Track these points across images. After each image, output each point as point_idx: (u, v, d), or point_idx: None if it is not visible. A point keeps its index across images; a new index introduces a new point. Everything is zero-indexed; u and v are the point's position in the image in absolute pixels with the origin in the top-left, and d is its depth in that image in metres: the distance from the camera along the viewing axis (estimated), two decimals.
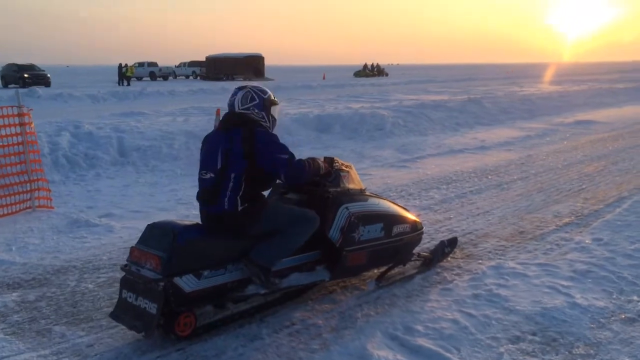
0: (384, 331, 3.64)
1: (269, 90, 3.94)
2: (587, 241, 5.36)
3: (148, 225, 3.70)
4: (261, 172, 3.64)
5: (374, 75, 55.54)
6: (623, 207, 6.51)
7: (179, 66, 58.81)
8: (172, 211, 6.75)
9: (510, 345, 3.49)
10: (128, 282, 3.59)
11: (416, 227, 4.64)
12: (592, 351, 3.43)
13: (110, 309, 3.74)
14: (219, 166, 3.63)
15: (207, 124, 12.44)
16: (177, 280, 3.42)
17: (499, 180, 8.23)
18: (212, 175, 3.65)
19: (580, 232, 5.71)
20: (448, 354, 3.34)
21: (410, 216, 4.67)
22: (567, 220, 6.19)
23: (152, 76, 51.65)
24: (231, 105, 3.83)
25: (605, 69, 57.15)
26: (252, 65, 51.55)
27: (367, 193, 4.51)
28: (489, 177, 8.51)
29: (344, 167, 4.38)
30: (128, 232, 5.93)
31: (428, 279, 4.58)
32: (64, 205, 7.01)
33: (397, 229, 4.42)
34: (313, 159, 3.95)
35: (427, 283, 4.48)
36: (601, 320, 3.83)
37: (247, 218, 3.62)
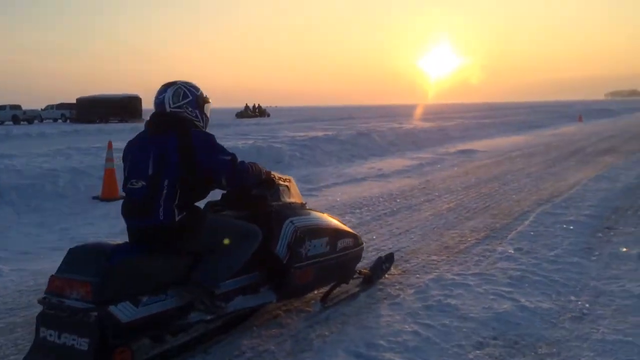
0: (346, 350, 3.38)
1: (199, 87, 3.57)
2: (510, 251, 5.49)
3: (70, 250, 3.17)
4: (197, 177, 3.27)
5: (255, 116, 55.65)
6: (530, 220, 6.82)
7: (45, 109, 54.86)
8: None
9: (477, 352, 3.38)
10: (48, 318, 3.01)
11: (357, 242, 4.46)
12: (554, 350, 3.41)
13: (20, 356, 3.11)
14: (150, 172, 3.19)
15: (94, 160, 11.55)
16: (112, 309, 2.92)
17: (408, 203, 8.35)
18: (144, 183, 3.20)
19: (500, 243, 5.85)
20: None
21: (351, 230, 4.48)
22: (483, 234, 6.35)
23: (15, 120, 47.66)
24: (160, 103, 3.40)
25: (463, 109, 62.34)
26: (128, 106, 49.26)
27: (308, 207, 4.27)
28: (397, 200, 8.61)
29: (282, 181, 4.12)
30: (19, 274, 5.12)
31: (373, 295, 4.39)
32: None
33: (341, 244, 4.21)
34: (253, 163, 3.65)
35: (373, 300, 4.29)
36: (552, 320, 3.85)
37: (185, 230, 3.21)
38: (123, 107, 49.22)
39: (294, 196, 4.21)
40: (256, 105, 60.26)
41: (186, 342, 3.44)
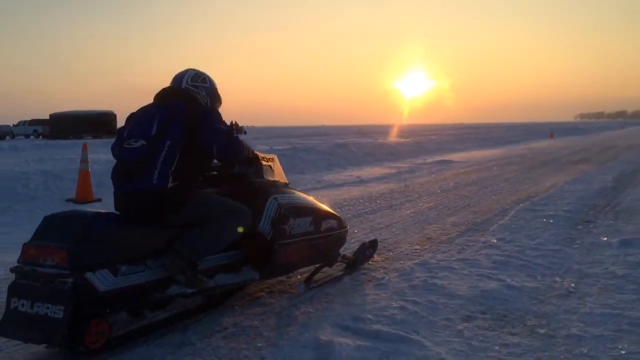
0: (332, 323, 3.28)
1: None
2: (493, 240, 5.47)
3: (45, 217, 3.03)
4: (197, 147, 3.17)
5: None
6: (510, 215, 6.83)
7: (17, 125, 53.79)
8: None
9: (466, 324, 3.31)
10: (20, 288, 2.85)
11: (342, 224, 4.38)
12: (544, 321, 3.36)
13: None
14: (153, 132, 3.11)
15: (67, 164, 11.30)
16: (89, 276, 2.78)
17: (389, 203, 8.30)
18: (144, 142, 3.11)
19: (482, 235, 5.83)
20: (410, 336, 3.06)
21: (335, 213, 4.40)
22: (465, 227, 6.32)
23: None
24: (178, 79, 3.43)
25: (438, 128, 63.15)
26: (103, 123, 48.56)
27: (291, 188, 4.19)
28: (378, 201, 8.56)
29: (265, 161, 4.02)
30: None
31: (357, 278, 4.30)
32: None
33: (325, 224, 4.13)
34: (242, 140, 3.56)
35: (357, 282, 4.20)
36: (539, 297, 3.81)
37: (176, 199, 3.09)
38: (97, 123, 48.46)
39: (278, 175, 4.13)
40: (233, 122, 60.06)
41: (165, 318, 3.29)
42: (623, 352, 2.88)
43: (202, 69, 3.56)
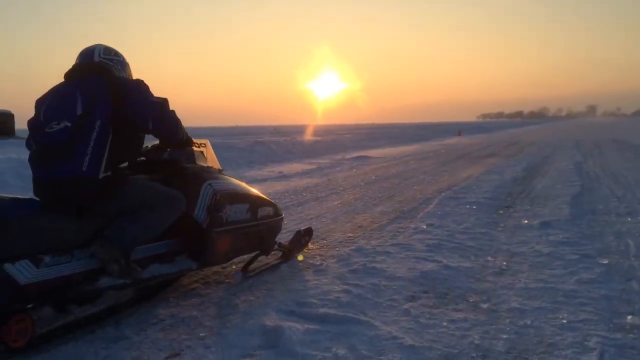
0: (276, 309, 3.16)
1: None
2: (423, 226, 5.55)
3: None
4: (129, 124, 2.90)
5: None
6: (434, 203, 6.98)
7: None
8: None
9: (411, 303, 3.30)
10: None
11: (277, 212, 4.25)
12: (484, 297, 3.41)
13: None
14: (79, 112, 2.78)
15: None
16: (8, 267, 2.48)
17: (315, 196, 8.24)
18: (68, 124, 2.76)
19: (411, 221, 5.90)
20: (358, 317, 3.00)
21: (270, 200, 4.26)
22: (393, 215, 6.37)
23: None
24: (88, 54, 3.09)
25: (351, 128, 64.23)
26: None
27: (225, 174, 4.00)
28: (304, 194, 8.48)
29: (195, 146, 3.81)
30: None
31: (294, 266, 4.19)
32: None
33: (262, 212, 3.98)
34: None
35: (295, 269, 4.09)
36: (475, 276, 3.88)
37: (108, 188, 2.81)
38: None
39: (210, 161, 3.93)
40: None
41: (93, 314, 3.02)
42: (564, 321, 2.97)
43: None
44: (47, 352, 2.62)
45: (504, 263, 4.19)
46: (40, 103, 2.97)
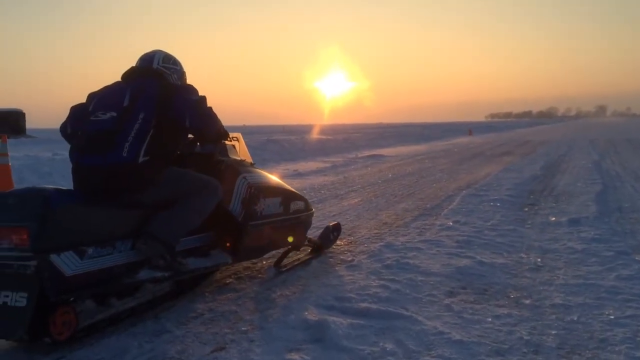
0: (315, 304, 3.11)
1: None
2: (449, 223, 5.49)
3: None
4: (171, 121, 2.92)
5: None
6: (457, 201, 6.91)
7: None
8: None
9: (452, 298, 3.24)
10: None
11: (308, 207, 4.21)
12: (525, 293, 3.35)
13: None
14: (125, 104, 2.85)
15: None
16: (54, 258, 2.45)
17: (334, 193, 8.20)
18: (114, 114, 2.83)
19: (436, 218, 5.84)
20: (401, 312, 2.95)
21: (301, 194, 4.22)
22: (417, 212, 6.31)
23: None
24: (147, 60, 3.17)
25: (359, 127, 63.97)
26: (9, 121, 45.42)
27: (257, 168, 3.96)
28: (322, 192, 8.44)
29: (229, 140, 3.77)
30: None
31: (325, 262, 4.14)
32: None
33: (294, 206, 3.94)
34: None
35: (327, 265, 4.05)
36: (512, 272, 3.82)
37: (147, 174, 2.80)
38: (3, 120, 45.36)
39: (243, 154, 3.91)
40: None
41: (133, 307, 2.99)
42: (612, 317, 2.91)
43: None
44: (91, 346, 2.58)
45: (539, 260, 4.12)
46: (93, 96, 3.06)
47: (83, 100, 3.15)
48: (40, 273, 2.38)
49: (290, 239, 3.94)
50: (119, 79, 3.14)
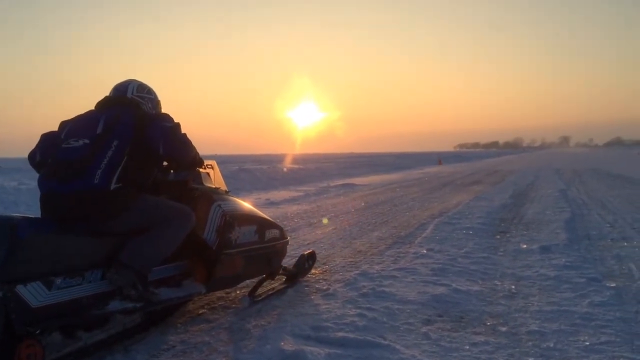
0: (291, 333, 3.05)
1: None
2: (423, 251, 5.50)
3: None
4: (145, 149, 2.89)
5: None
6: (430, 229, 6.94)
7: None
8: None
9: (429, 326, 3.22)
10: None
11: (283, 235, 4.16)
12: (501, 320, 3.35)
13: None
14: (99, 131, 2.82)
15: None
16: (20, 289, 2.35)
17: (307, 222, 8.16)
18: (87, 141, 2.79)
19: (410, 246, 5.85)
20: (378, 341, 2.91)
21: (276, 222, 4.18)
22: (391, 241, 6.31)
23: None
24: (121, 89, 3.17)
25: (331, 157, 64.36)
26: None
27: (232, 195, 3.92)
28: (295, 220, 8.40)
29: (202, 168, 3.73)
30: None
31: (301, 291, 4.09)
32: None
33: (269, 234, 3.90)
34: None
35: (302, 294, 4.00)
36: (487, 299, 3.82)
37: (119, 202, 2.73)
38: None
39: (217, 182, 3.87)
40: None
41: (103, 339, 2.88)
42: (587, 343, 2.92)
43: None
44: None
45: (513, 287, 4.14)
46: (65, 124, 3.03)
47: (52, 129, 3.11)
48: (6, 304, 2.29)
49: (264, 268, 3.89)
50: (89, 108, 3.10)
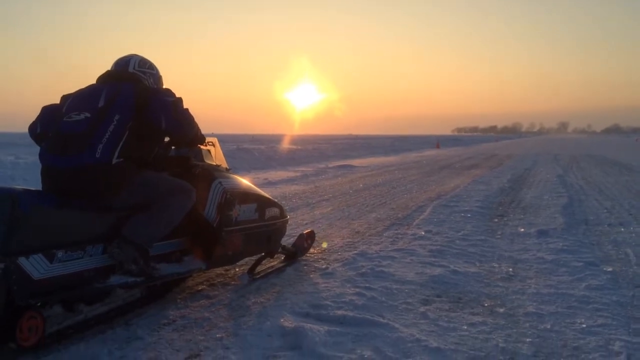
0: (291, 311, 3.08)
1: None
2: (421, 233, 5.52)
3: None
4: (146, 125, 2.87)
5: None
6: (428, 211, 6.96)
7: None
8: None
9: (427, 306, 3.25)
10: None
11: (283, 214, 4.17)
12: (499, 302, 3.38)
13: None
14: (100, 104, 2.79)
15: None
16: (22, 261, 2.36)
17: (305, 202, 8.16)
18: (88, 115, 2.76)
19: (408, 228, 5.87)
20: (377, 319, 2.94)
21: (276, 201, 4.18)
22: (389, 222, 6.33)
23: None
24: (123, 64, 3.13)
25: (330, 138, 64.17)
26: None
27: (233, 173, 3.92)
28: (293, 200, 8.40)
29: (203, 145, 3.71)
30: None
31: (300, 269, 4.11)
32: None
33: (269, 212, 3.91)
34: None
35: (301, 272, 4.02)
36: (485, 280, 3.85)
37: (120, 176, 2.73)
38: None
39: (218, 159, 3.85)
40: None
41: (103, 313, 2.90)
42: (584, 325, 2.95)
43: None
44: (58, 352, 2.50)
45: (510, 269, 4.17)
46: (67, 97, 3.00)
47: (49, 102, 3.10)
48: (8, 276, 2.29)
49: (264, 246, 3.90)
50: (86, 84, 3.08)
